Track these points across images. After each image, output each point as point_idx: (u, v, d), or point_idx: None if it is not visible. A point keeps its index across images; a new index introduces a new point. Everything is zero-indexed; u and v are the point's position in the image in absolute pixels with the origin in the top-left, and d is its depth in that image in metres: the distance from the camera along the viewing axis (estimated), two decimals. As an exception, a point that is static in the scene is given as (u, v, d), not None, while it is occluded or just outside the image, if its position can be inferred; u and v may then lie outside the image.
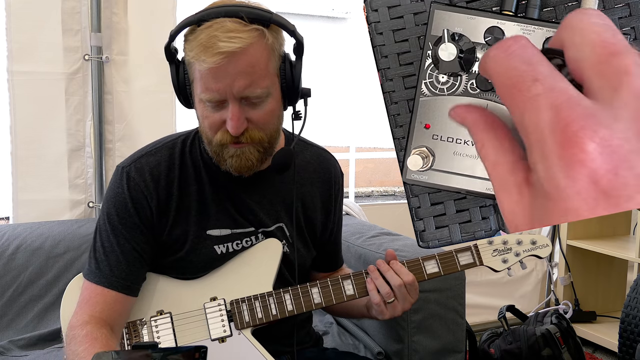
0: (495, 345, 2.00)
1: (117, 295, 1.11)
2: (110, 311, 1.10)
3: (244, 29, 0.98)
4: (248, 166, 1.08)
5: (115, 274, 1.11)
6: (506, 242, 1.25)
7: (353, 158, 2.68)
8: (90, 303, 1.10)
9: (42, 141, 1.89)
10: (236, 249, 1.19)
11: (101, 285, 1.11)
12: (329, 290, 1.19)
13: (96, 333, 1.04)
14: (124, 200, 1.13)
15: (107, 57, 1.91)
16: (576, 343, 1.98)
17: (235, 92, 1.01)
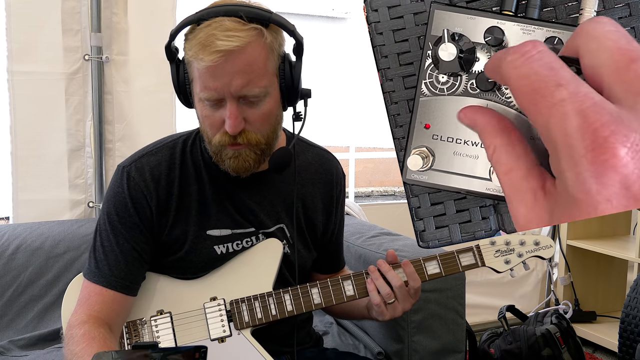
0: (495, 345, 2.00)
1: (115, 294, 1.11)
2: (109, 310, 1.10)
3: (243, 28, 0.99)
4: (245, 167, 1.08)
5: (114, 273, 1.11)
6: (509, 242, 1.24)
7: (353, 158, 2.68)
8: (89, 302, 1.10)
9: (42, 141, 1.89)
10: (236, 249, 1.19)
11: (100, 284, 1.11)
12: (328, 290, 1.19)
13: (94, 332, 1.04)
14: (124, 200, 1.13)
15: (107, 57, 1.91)
16: (576, 343, 1.98)
17: (233, 90, 1.01)
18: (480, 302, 2.58)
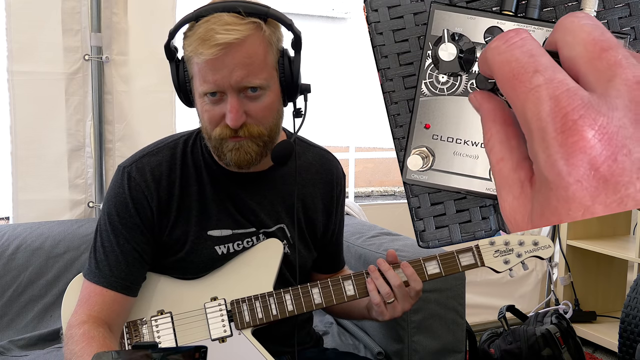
0: (495, 345, 2.00)
1: (115, 295, 1.11)
2: (109, 311, 1.10)
3: (241, 21, 0.99)
4: (247, 160, 1.08)
5: (114, 274, 1.11)
6: (508, 242, 1.25)
7: (353, 158, 2.68)
8: (89, 303, 1.10)
9: (42, 141, 1.89)
10: (237, 249, 1.19)
11: (100, 285, 1.11)
12: (329, 290, 1.19)
13: (93, 332, 1.04)
14: (124, 200, 1.13)
15: (107, 57, 1.91)
16: (576, 343, 1.98)
17: (233, 83, 1.01)
18: (480, 302, 2.58)
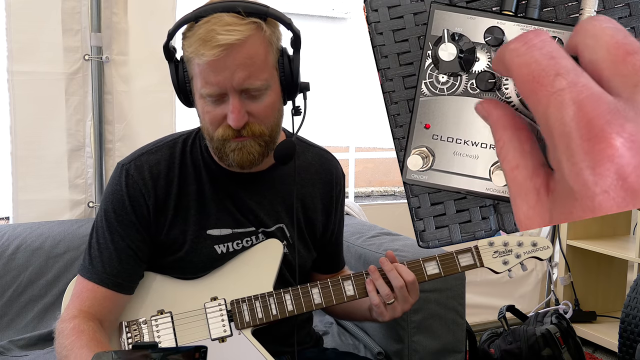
0: (495, 345, 2.00)
1: (107, 292, 1.11)
2: (100, 307, 1.10)
3: (242, 22, 0.99)
4: (250, 160, 1.08)
5: (107, 270, 1.11)
6: (507, 243, 1.25)
7: (353, 158, 2.68)
8: (81, 298, 1.11)
9: (42, 141, 1.89)
10: (236, 248, 1.19)
11: (92, 281, 1.11)
12: (329, 290, 1.19)
13: (83, 326, 1.05)
14: (121, 197, 1.13)
15: (107, 57, 1.91)
16: (576, 343, 1.98)
17: (235, 84, 1.01)
18: (480, 302, 2.58)
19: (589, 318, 2.67)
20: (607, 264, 2.72)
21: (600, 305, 2.73)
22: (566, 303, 2.70)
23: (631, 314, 1.95)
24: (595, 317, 2.68)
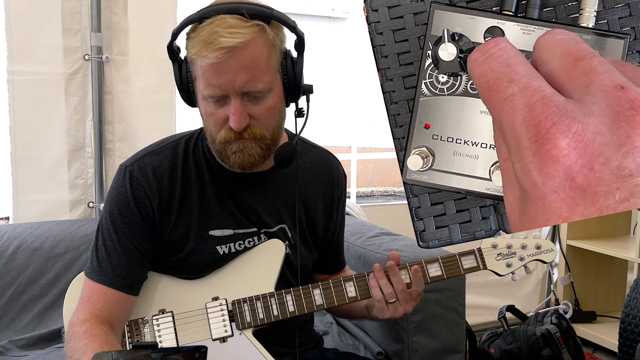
0: (495, 345, 2.00)
1: (117, 293, 1.11)
2: (111, 309, 1.10)
3: (245, 24, 0.99)
4: (251, 162, 1.08)
5: (116, 272, 1.11)
6: (510, 246, 1.24)
7: (355, 158, 2.68)
8: (91, 301, 1.10)
9: (42, 141, 1.89)
10: (238, 249, 1.19)
11: (102, 283, 1.11)
12: (330, 291, 1.19)
13: (95, 330, 1.05)
14: (126, 199, 1.13)
15: (107, 57, 1.91)
16: (576, 343, 1.98)
17: (237, 87, 1.01)
18: (481, 303, 2.58)
19: (589, 318, 2.67)
20: (607, 264, 2.72)
21: (600, 305, 2.73)
22: (566, 303, 2.70)
23: (631, 314, 1.95)
24: (595, 317, 2.68)
